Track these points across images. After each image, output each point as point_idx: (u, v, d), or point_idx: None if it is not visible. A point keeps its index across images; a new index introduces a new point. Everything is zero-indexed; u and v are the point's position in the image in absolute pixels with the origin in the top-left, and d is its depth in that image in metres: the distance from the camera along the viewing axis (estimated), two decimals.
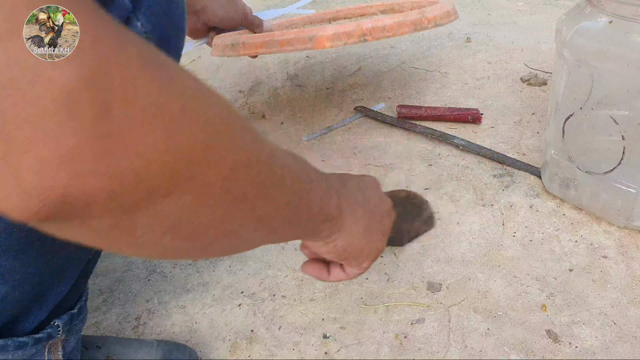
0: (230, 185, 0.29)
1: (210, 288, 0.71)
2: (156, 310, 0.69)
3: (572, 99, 0.68)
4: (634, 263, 0.66)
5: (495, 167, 0.83)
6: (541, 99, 0.95)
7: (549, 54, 1.07)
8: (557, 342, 0.59)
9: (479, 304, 0.64)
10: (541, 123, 0.90)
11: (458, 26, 1.21)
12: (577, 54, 0.64)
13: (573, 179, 0.71)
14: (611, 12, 0.61)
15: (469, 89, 1.01)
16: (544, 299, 0.64)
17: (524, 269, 0.68)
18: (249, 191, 0.30)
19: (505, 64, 1.07)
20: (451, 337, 0.61)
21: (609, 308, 0.62)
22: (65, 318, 0.48)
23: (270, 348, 0.63)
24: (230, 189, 0.29)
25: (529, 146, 0.86)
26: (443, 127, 0.92)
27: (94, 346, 0.57)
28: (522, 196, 0.77)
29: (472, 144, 0.87)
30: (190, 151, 0.25)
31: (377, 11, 0.99)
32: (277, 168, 0.33)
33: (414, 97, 1.01)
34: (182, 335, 0.65)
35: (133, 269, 0.75)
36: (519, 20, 1.20)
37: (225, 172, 0.28)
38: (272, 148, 0.33)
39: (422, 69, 1.09)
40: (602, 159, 0.69)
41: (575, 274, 0.66)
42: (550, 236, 0.71)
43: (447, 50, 1.14)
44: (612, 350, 0.58)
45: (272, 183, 0.32)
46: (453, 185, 0.81)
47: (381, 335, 0.62)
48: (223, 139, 0.28)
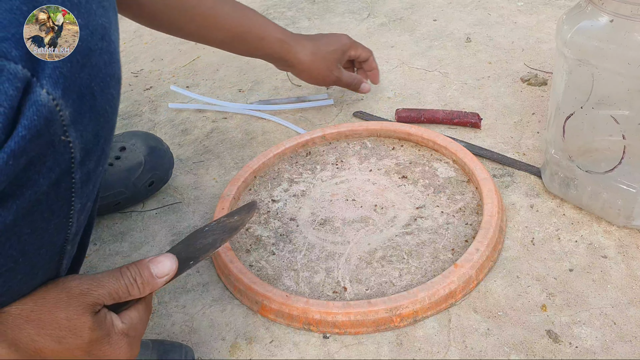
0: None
1: (210, 288, 0.71)
2: (156, 310, 0.69)
3: (572, 98, 0.68)
4: (634, 263, 0.66)
5: (495, 167, 0.83)
6: (541, 99, 0.95)
7: (549, 54, 1.07)
8: (557, 342, 0.59)
9: (479, 304, 0.64)
10: (541, 123, 0.90)
11: (458, 26, 1.21)
12: (578, 53, 0.64)
13: (573, 179, 0.71)
14: (612, 11, 0.61)
15: (469, 89, 1.01)
16: (544, 299, 0.64)
17: (524, 268, 0.68)
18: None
19: (505, 64, 1.07)
20: (451, 337, 0.61)
21: (609, 308, 0.62)
22: None
23: (270, 348, 0.63)
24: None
25: (529, 146, 0.86)
26: (442, 127, 0.92)
27: None
28: (522, 196, 0.77)
29: (472, 144, 0.87)
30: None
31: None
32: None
33: (414, 97, 1.01)
34: (182, 335, 0.65)
35: None
36: (519, 20, 1.20)
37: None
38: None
39: (422, 69, 1.09)
40: (603, 158, 0.69)
41: (575, 274, 0.66)
42: (550, 236, 0.71)
43: (447, 50, 1.14)
44: (612, 350, 0.58)
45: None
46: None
47: (381, 335, 0.62)
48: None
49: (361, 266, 0.70)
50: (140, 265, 0.47)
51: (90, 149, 0.39)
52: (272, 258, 0.73)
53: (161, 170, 0.84)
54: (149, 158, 0.82)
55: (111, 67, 0.39)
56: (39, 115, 0.34)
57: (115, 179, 0.80)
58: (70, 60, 0.35)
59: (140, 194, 0.84)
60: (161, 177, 0.85)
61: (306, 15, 1.35)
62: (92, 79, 0.37)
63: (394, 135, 0.89)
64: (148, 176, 0.82)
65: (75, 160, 0.38)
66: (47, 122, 0.34)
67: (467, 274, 0.65)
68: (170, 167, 0.86)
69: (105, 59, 0.38)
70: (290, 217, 0.79)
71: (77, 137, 0.37)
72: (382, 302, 0.62)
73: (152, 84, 1.17)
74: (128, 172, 0.81)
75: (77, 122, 0.37)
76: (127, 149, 0.82)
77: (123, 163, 0.81)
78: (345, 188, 0.82)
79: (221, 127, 1.00)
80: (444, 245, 0.71)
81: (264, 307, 0.65)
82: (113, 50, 0.40)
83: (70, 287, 0.42)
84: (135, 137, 0.84)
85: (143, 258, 0.48)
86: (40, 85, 0.34)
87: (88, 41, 0.37)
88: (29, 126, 0.33)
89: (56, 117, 0.35)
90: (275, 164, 0.88)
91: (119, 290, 0.45)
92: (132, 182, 0.81)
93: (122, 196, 0.81)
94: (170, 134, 1.01)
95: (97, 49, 0.37)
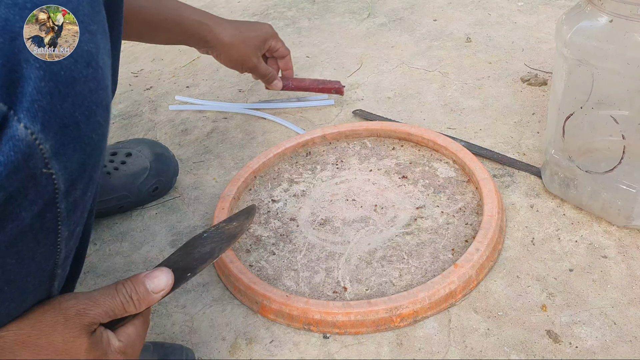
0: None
1: (210, 288, 0.71)
2: (156, 310, 0.69)
3: (572, 98, 0.68)
4: (634, 263, 0.66)
5: (495, 167, 0.83)
6: (541, 99, 0.95)
7: (549, 54, 1.07)
8: (557, 342, 0.59)
9: (479, 304, 0.64)
10: (541, 123, 0.90)
11: (458, 26, 1.21)
12: (577, 53, 0.64)
13: (573, 179, 0.71)
14: (611, 12, 0.61)
15: (469, 89, 1.01)
16: (544, 299, 0.64)
17: (524, 269, 0.68)
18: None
19: (505, 64, 1.07)
20: (451, 337, 0.61)
21: (609, 308, 0.62)
22: None
23: (270, 348, 0.63)
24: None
25: (529, 146, 0.86)
26: (442, 127, 0.92)
27: None
28: (522, 196, 0.77)
29: (472, 144, 0.87)
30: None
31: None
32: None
33: (414, 97, 1.01)
34: (182, 335, 0.65)
35: (133, 269, 0.75)
36: (519, 20, 1.20)
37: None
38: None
39: (422, 69, 1.09)
40: (602, 158, 0.69)
41: (575, 274, 0.66)
42: (550, 236, 0.71)
43: (447, 50, 1.14)
44: (612, 350, 0.58)
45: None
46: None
47: (381, 335, 0.62)
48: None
49: (361, 266, 0.70)
50: (136, 281, 0.46)
51: (75, 178, 0.38)
52: (272, 258, 0.73)
53: (166, 176, 0.85)
54: (155, 164, 0.83)
55: (97, 94, 0.38)
56: (16, 150, 0.33)
57: (119, 183, 0.81)
58: (50, 92, 0.34)
59: (144, 199, 0.84)
60: (165, 184, 0.85)
61: (306, 15, 1.35)
62: (75, 108, 0.36)
63: (394, 135, 0.89)
64: (153, 182, 0.83)
65: (60, 191, 0.37)
66: (25, 157, 0.34)
67: (467, 274, 0.65)
68: (175, 175, 0.87)
69: (90, 86, 0.37)
70: (290, 217, 0.79)
71: (60, 168, 0.36)
72: (382, 302, 0.62)
73: (152, 84, 1.17)
74: (133, 177, 0.81)
75: (59, 154, 0.36)
76: (133, 155, 0.83)
77: (128, 168, 0.82)
78: (345, 188, 0.82)
79: (221, 127, 1.00)
80: (444, 245, 0.71)
81: (264, 307, 0.65)
82: (100, 77, 0.38)
83: (66, 307, 0.42)
84: (142, 144, 0.85)
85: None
86: (18, 120, 0.33)
87: (71, 70, 0.36)
88: (6, 162, 0.33)
89: (35, 150, 0.34)
90: (276, 164, 0.88)
91: (115, 308, 0.45)
92: (137, 187, 0.82)
93: (125, 200, 0.82)
94: (170, 134, 1.01)
95: (82, 77, 0.36)
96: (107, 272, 0.75)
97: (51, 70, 0.34)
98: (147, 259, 0.76)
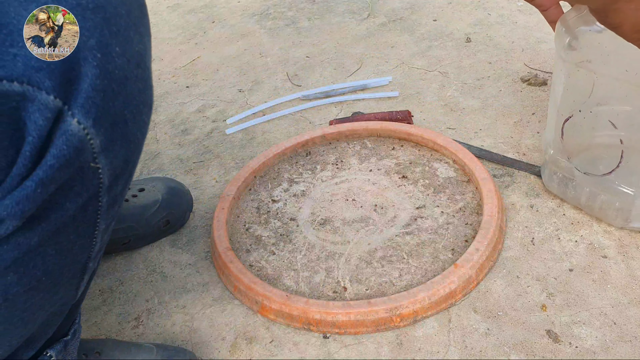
0: None
1: (210, 288, 0.71)
2: (156, 310, 0.69)
3: (571, 101, 0.68)
4: (634, 263, 0.66)
5: (495, 167, 0.83)
6: (541, 99, 0.95)
7: (549, 54, 1.07)
8: (557, 342, 0.59)
9: (479, 304, 0.64)
10: (541, 123, 0.90)
11: (458, 26, 1.21)
12: (576, 56, 0.64)
13: (572, 179, 0.71)
14: None
15: (469, 89, 1.01)
16: (544, 299, 0.64)
17: (524, 269, 0.68)
18: None
19: (505, 64, 1.07)
20: (451, 337, 0.61)
21: (609, 308, 0.62)
22: (58, 347, 0.48)
23: (270, 348, 0.63)
24: None
25: (529, 146, 0.86)
26: (442, 127, 0.92)
27: (94, 352, 0.57)
28: (522, 196, 0.77)
29: (472, 145, 0.87)
30: None
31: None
32: None
33: (414, 97, 1.01)
34: (182, 336, 0.65)
35: (133, 268, 0.75)
36: (519, 20, 1.20)
37: None
38: None
39: (422, 68, 1.09)
40: (601, 160, 0.69)
41: (575, 274, 0.66)
42: (550, 236, 0.71)
43: (447, 50, 1.14)
44: (612, 350, 0.58)
45: None
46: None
47: (381, 335, 0.63)
48: None
49: (361, 266, 0.70)
50: None
51: (119, 174, 0.40)
52: (272, 258, 0.73)
53: (178, 210, 0.79)
54: (167, 197, 0.78)
55: (144, 94, 0.40)
56: (69, 144, 0.34)
57: (127, 214, 0.75)
58: (104, 90, 0.36)
59: (154, 233, 0.77)
60: (178, 218, 0.79)
61: (306, 15, 1.35)
62: (125, 106, 0.38)
63: (394, 135, 0.89)
64: (163, 214, 0.76)
65: (104, 185, 0.39)
66: (76, 151, 0.35)
67: (467, 274, 0.65)
68: (189, 210, 0.81)
69: (139, 86, 0.39)
70: (290, 217, 0.79)
71: (106, 163, 0.38)
72: (382, 302, 0.63)
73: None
74: (142, 209, 0.76)
75: (107, 150, 0.37)
76: (146, 190, 0.78)
77: (139, 200, 0.77)
78: (345, 188, 0.82)
79: (221, 127, 1.00)
80: (444, 245, 0.71)
81: (264, 307, 0.65)
82: (147, 77, 0.40)
83: None
84: (156, 180, 0.81)
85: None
86: (72, 115, 0.34)
87: (125, 69, 0.37)
88: (58, 155, 0.34)
89: (86, 145, 0.36)
90: (276, 164, 0.88)
91: None
92: (145, 219, 0.75)
93: (131, 232, 0.75)
94: (170, 134, 1.01)
95: (133, 77, 0.38)
96: (107, 272, 0.75)
97: (107, 69, 0.36)
98: (147, 258, 0.76)
